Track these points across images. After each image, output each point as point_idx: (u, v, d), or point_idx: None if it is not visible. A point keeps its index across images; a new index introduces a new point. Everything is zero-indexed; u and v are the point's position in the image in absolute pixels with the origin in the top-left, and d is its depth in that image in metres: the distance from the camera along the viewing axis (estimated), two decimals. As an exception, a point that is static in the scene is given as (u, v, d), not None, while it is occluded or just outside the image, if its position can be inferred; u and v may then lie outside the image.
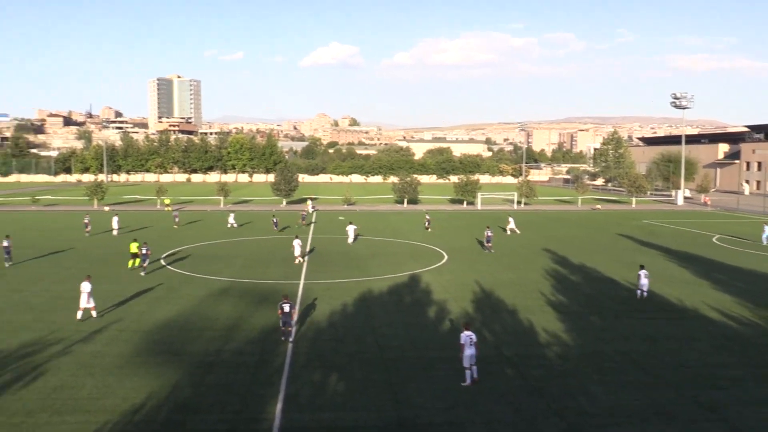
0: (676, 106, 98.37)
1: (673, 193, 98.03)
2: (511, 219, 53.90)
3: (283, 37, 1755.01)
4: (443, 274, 34.06)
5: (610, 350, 20.97)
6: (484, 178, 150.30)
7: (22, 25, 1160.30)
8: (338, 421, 15.43)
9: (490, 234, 43.28)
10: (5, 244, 36.62)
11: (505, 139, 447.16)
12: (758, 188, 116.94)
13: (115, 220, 51.07)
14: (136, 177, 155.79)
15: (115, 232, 49.85)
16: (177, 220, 57.32)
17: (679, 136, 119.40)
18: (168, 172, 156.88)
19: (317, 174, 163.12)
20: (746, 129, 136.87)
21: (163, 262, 37.05)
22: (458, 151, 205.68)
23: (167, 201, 77.15)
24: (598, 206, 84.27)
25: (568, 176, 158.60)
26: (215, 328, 23.21)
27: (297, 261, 36.96)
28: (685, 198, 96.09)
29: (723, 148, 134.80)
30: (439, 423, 15.37)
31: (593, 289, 30.65)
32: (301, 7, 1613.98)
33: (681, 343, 21.81)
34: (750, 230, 56.26)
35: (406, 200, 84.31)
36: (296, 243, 37.54)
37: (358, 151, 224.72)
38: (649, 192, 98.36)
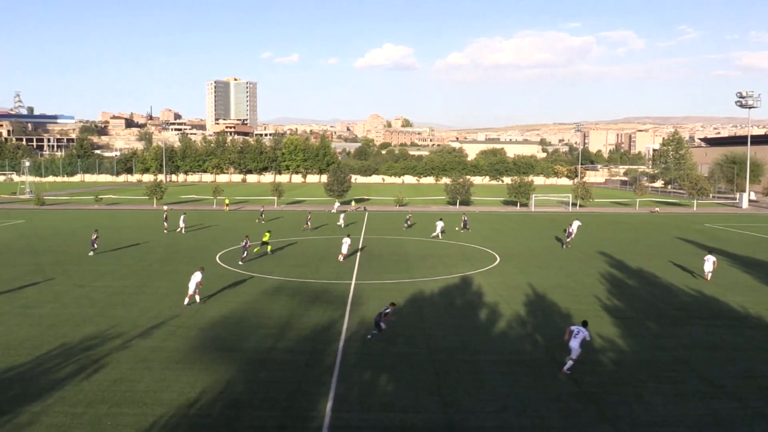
0: (742, 106, 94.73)
1: (738, 195, 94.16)
2: (576, 222, 50.80)
3: (337, 39, 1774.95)
4: (495, 277, 33.69)
5: (668, 358, 20.32)
6: (538, 180, 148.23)
7: (87, 32, 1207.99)
8: (387, 421, 15.44)
9: (571, 231, 45.67)
10: (93, 236, 40.35)
11: (561, 140, 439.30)
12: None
13: (181, 218, 52.71)
14: (194, 177, 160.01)
15: (182, 231, 51.38)
16: (263, 216, 63.19)
17: (745, 137, 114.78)
18: (224, 173, 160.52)
19: (370, 175, 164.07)
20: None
21: (218, 261, 37.90)
22: (512, 152, 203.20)
23: (227, 201, 79.26)
24: (657, 209, 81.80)
25: (625, 178, 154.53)
26: (268, 326, 23.58)
27: (340, 258, 37.77)
28: (751, 201, 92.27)
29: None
30: (489, 427, 15.20)
31: (650, 294, 29.77)
32: (355, 9, 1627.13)
33: (744, 353, 20.94)
34: (820, 235, 53.68)
35: (458, 201, 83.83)
36: (346, 241, 38.33)
37: (411, 152, 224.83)
38: (711, 195, 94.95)
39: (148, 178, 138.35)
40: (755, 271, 35.83)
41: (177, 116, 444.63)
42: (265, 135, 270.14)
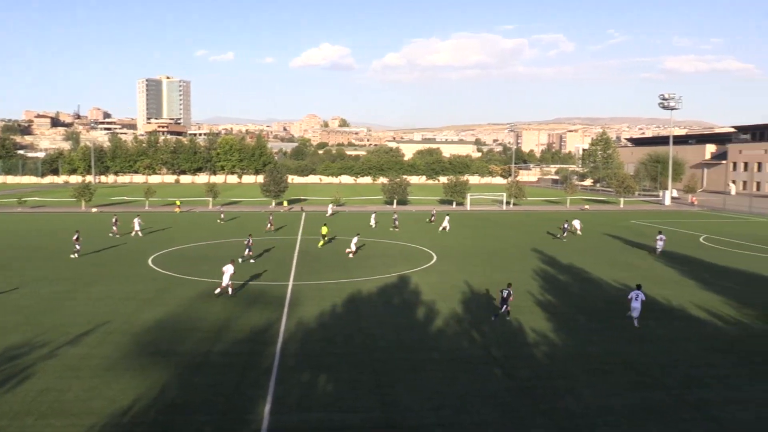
0: (664, 107, 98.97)
1: (661, 193, 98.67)
2: (576, 221, 53.44)
3: (273, 37, 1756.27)
4: (432, 275, 34.08)
5: (599, 351, 21.05)
6: (474, 179, 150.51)
7: (9, 25, 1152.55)
8: (326, 422, 15.39)
9: (566, 226, 50.58)
10: (75, 237, 39.76)
11: (495, 140, 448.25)
12: (744, 188, 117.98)
13: (136, 221, 50.65)
14: (125, 178, 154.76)
15: (139, 233, 49.58)
16: (222, 216, 63.71)
17: (667, 137, 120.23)
18: (157, 174, 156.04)
19: (307, 175, 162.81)
20: (733, 130, 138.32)
21: (150, 264, 36.85)
22: (448, 151, 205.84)
23: (178, 202, 77.43)
24: (587, 206, 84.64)
25: (556, 177, 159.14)
26: (204, 329, 23.10)
27: (347, 251, 40.29)
28: (673, 198, 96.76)
29: (710, 148, 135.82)
30: (428, 424, 15.36)
31: (581, 289, 30.77)
32: (292, 7, 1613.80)
33: (669, 343, 21.94)
34: (736, 230, 56.78)
35: (395, 201, 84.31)
36: (354, 239, 41.05)
37: (348, 152, 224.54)
38: (637, 192, 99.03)
39: (75, 179, 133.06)
40: (678, 265, 37.56)
41: (106, 115, 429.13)
42: (200, 135, 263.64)
